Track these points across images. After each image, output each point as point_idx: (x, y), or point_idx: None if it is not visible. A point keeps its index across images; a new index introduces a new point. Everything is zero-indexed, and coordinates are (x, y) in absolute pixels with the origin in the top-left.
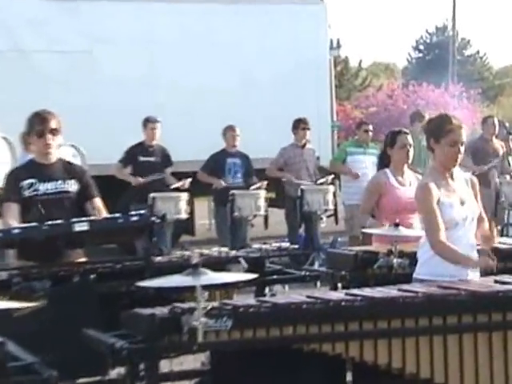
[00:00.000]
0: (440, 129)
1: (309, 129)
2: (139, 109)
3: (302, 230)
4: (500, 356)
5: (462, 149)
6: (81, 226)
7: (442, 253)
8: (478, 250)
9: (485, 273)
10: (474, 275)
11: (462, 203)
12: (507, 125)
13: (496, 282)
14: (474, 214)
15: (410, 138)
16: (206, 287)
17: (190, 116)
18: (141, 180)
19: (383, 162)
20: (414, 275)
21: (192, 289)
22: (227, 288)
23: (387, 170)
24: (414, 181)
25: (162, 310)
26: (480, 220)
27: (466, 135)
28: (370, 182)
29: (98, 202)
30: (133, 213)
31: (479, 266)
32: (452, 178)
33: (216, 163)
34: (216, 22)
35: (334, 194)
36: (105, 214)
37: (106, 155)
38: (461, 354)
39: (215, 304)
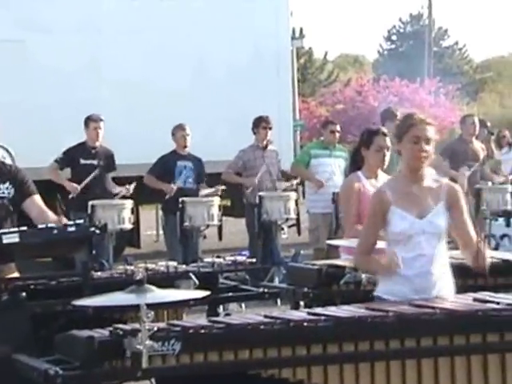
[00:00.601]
0: (402, 126)
1: (271, 128)
2: (79, 106)
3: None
4: (479, 382)
5: (430, 147)
6: (10, 238)
7: (359, 266)
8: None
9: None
10: (445, 291)
11: (422, 216)
12: (489, 124)
13: (475, 300)
14: (438, 229)
15: (388, 139)
16: (151, 306)
17: (136, 114)
18: (78, 187)
19: (356, 162)
20: (375, 293)
21: (136, 308)
22: (176, 307)
23: (359, 173)
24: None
25: (101, 333)
26: (463, 237)
27: (434, 132)
28: (344, 189)
29: (37, 199)
30: (70, 222)
31: (389, 269)
32: (420, 186)
33: (165, 166)
34: (164, 10)
35: (297, 202)
36: (49, 213)
37: (39, 158)
38: (436, 380)
39: (162, 325)
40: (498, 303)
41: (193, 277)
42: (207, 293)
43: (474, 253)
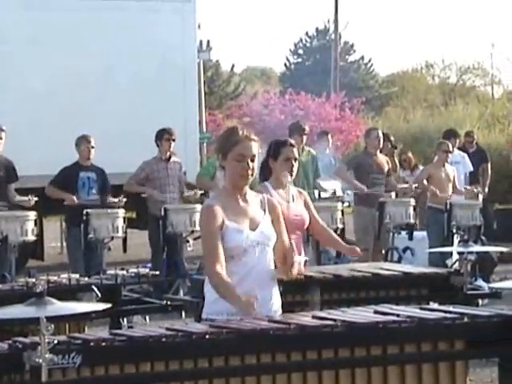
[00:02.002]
0: (226, 142)
1: (174, 140)
2: None
3: (165, 254)
4: None
5: (254, 164)
6: None
7: (217, 286)
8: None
9: None
10: (277, 303)
11: (254, 228)
12: (392, 138)
13: (376, 312)
14: (270, 240)
15: (295, 150)
16: (51, 319)
17: (38, 124)
18: None
19: (264, 174)
20: (203, 315)
21: (36, 321)
22: (77, 320)
23: (267, 184)
24: (297, 196)
25: (0, 346)
26: (280, 248)
27: (258, 148)
28: None
29: None
30: None
31: (244, 310)
32: (245, 200)
33: (68, 177)
34: (71, 21)
35: None
36: None
37: None
38: None
39: (62, 338)
40: (398, 315)
41: (95, 289)
42: (108, 305)
43: (283, 262)
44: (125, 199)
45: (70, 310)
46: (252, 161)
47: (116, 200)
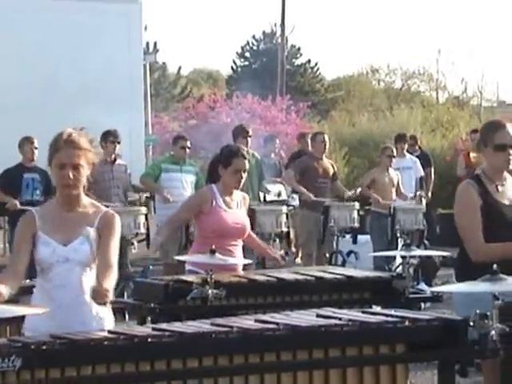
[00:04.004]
0: (50, 149)
1: (119, 142)
2: None
3: None
4: None
5: (79, 172)
6: None
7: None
8: None
9: None
10: (104, 324)
11: (66, 243)
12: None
13: (318, 316)
14: (83, 256)
15: (246, 162)
16: None
17: None
18: None
19: (212, 176)
20: (22, 330)
21: None
22: (18, 322)
23: (214, 187)
24: (242, 202)
25: None
26: (99, 266)
27: (84, 156)
28: (194, 196)
29: None
30: None
31: None
32: (74, 212)
33: (11, 179)
34: (16, 22)
35: (147, 216)
36: None
37: None
38: None
39: (2, 341)
40: (340, 319)
41: None
42: (48, 309)
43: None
44: None
45: (11, 312)
46: (75, 169)
47: None
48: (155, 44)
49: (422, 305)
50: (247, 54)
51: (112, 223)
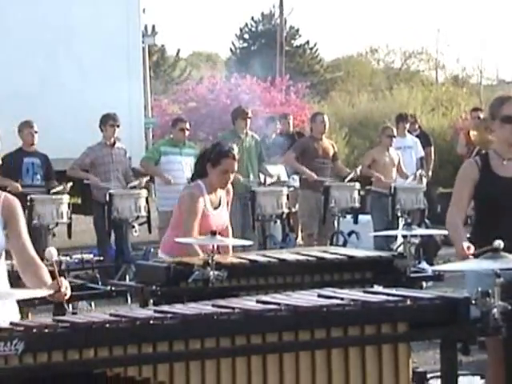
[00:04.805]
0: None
1: (118, 126)
2: None
3: (111, 240)
4: (323, 376)
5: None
6: None
7: None
8: None
9: None
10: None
11: None
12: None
13: (320, 296)
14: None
15: (235, 163)
16: None
17: None
18: None
19: (199, 172)
20: None
21: None
22: (20, 306)
23: (202, 185)
24: (225, 196)
25: None
26: (23, 255)
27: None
28: (191, 203)
29: None
30: None
31: None
32: None
33: (12, 164)
34: (13, 5)
35: (147, 200)
36: None
37: None
38: (281, 375)
39: (4, 325)
40: (342, 299)
41: None
42: (50, 292)
43: (41, 275)
44: (70, 184)
45: (14, 296)
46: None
47: (61, 186)
48: (154, 27)
49: (424, 284)
50: (246, 36)
51: (15, 210)
